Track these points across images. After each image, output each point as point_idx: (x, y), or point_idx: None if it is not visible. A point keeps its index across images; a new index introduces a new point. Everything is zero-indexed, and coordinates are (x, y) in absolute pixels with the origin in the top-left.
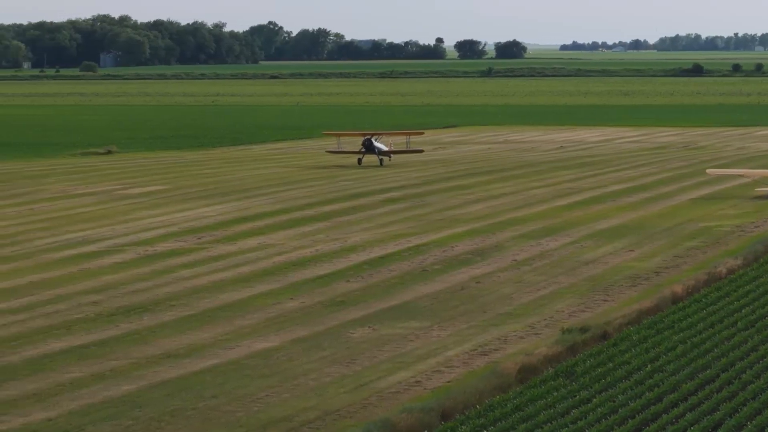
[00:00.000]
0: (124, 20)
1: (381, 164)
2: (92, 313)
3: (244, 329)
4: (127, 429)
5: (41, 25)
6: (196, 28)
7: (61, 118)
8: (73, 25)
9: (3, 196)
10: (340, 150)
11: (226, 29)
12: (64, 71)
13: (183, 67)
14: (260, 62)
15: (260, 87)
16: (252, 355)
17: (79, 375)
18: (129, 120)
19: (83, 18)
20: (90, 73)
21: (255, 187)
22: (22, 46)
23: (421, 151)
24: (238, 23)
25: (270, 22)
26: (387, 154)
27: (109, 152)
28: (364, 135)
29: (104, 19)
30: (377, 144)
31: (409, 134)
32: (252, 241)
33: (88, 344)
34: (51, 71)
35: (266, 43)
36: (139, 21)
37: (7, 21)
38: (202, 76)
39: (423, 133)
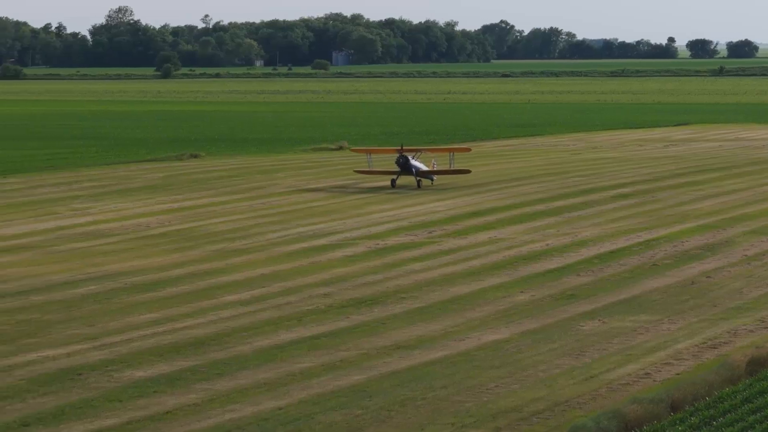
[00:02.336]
0: (356, 19)
1: (419, 186)
2: (323, 304)
3: (474, 321)
4: (356, 418)
5: (274, 24)
6: (428, 27)
7: (292, 115)
8: (305, 23)
9: (237, 191)
10: (370, 170)
11: (458, 28)
12: (296, 69)
13: (415, 66)
14: (492, 61)
15: (491, 85)
16: (482, 346)
17: (310, 365)
18: (360, 117)
19: (316, 16)
20: (322, 71)
21: (485, 183)
22: (255, 44)
23: (467, 172)
24: (470, 22)
25: (502, 21)
26: (427, 174)
27: (340, 148)
28: (399, 151)
29: (337, 18)
30: (414, 162)
31: (453, 150)
32: (483, 236)
33: (318, 335)
34: (283, 69)
35: (498, 41)
36: (371, 19)
37: (241, 19)
38: (434, 75)
39: (470, 149)
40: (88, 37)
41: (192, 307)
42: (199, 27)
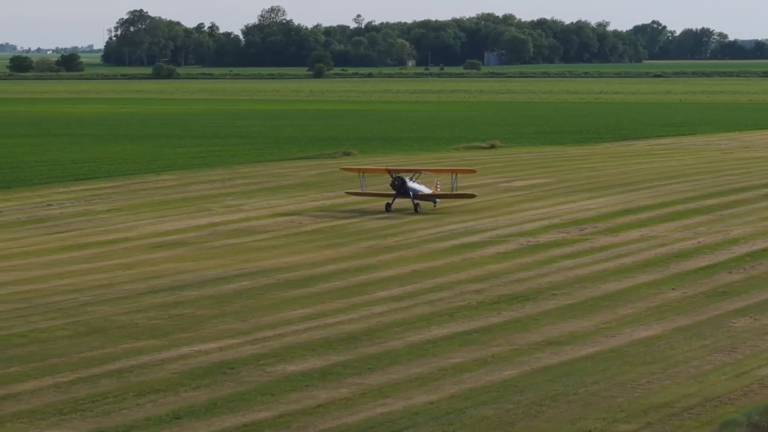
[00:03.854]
0: (508, 19)
1: (416, 210)
2: (474, 301)
3: (625, 318)
4: (508, 412)
5: (426, 24)
6: (579, 27)
7: (445, 114)
8: (457, 23)
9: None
10: (363, 192)
11: (610, 28)
12: (448, 69)
13: (566, 66)
14: (643, 61)
15: (643, 85)
16: (633, 342)
17: (461, 360)
18: (512, 116)
19: (468, 17)
20: (474, 71)
21: (637, 181)
22: (407, 44)
23: (472, 197)
24: (621, 22)
25: (653, 22)
26: (427, 198)
27: (492, 147)
28: (395, 172)
29: (488, 18)
30: (412, 184)
31: (456, 171)
32: (634, 233)
33: (470, 331)
34: (435, 69)
35: (650, 42)
36: (522, 19)
37: (393, 19)
38: (586, 75)
39: (474, 171)
40: (241, 36)
41: (344, 302)
42: (352, 27)
